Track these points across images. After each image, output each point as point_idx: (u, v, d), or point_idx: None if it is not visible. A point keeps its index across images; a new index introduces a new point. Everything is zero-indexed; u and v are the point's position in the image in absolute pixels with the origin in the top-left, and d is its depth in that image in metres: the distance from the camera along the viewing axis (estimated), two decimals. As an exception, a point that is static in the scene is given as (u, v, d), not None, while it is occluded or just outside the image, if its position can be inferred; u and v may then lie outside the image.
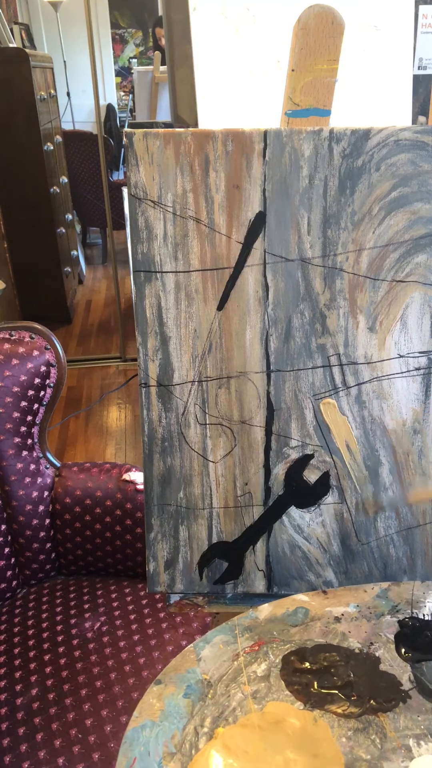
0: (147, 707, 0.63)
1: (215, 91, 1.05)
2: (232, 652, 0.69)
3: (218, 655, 0.69)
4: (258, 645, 0.70)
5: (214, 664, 0.67)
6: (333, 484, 0.80)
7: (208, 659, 0.68)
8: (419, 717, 0.62)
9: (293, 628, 0.72)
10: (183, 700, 0.64)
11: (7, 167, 3.22)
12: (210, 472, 0.80)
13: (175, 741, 0.60)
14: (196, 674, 0.66)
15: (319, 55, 0.74)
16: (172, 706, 0.63)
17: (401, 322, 0.76)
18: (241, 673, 0.67)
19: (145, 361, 0.77)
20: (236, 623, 0.72)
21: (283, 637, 0.71)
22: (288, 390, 0.78)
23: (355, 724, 0.61)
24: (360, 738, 0.60)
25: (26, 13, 5.74)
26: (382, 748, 0.59)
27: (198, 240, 0.73)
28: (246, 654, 0.69)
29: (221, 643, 0.70)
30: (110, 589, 1.18)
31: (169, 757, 0.59)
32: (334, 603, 0.74)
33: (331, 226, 0.73)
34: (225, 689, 0.65)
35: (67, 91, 5.66)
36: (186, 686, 0.65)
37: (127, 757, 0.58)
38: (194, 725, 0.62)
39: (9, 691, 0.98)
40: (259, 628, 0.72)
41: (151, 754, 0.59)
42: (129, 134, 0.70)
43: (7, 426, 1.16)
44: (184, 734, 0.61)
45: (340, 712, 0.63)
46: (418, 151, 0.70)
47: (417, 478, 0.80)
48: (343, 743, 0.60)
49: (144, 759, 0.58)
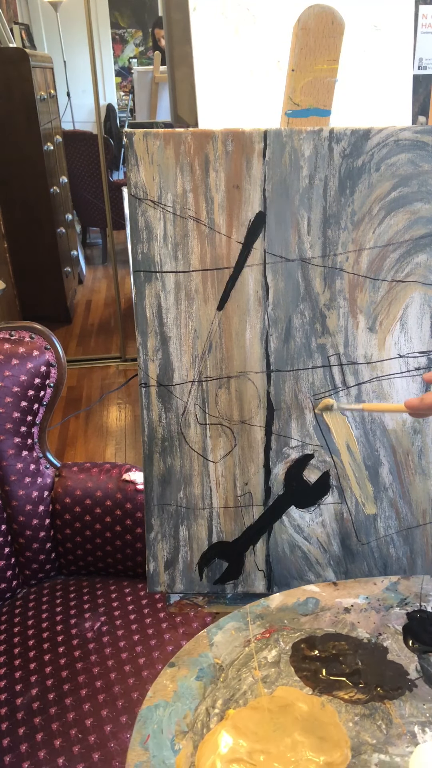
0: (161, 688, 0.65)
1: (215, 91, 1.05)
2: (244, 638, 0.71)
3: (230, 640, 0.70)
4: (269, 632, 0.71)
5: (226, 649, 0.69)
6: (333, 484, 0.80)
7: (220, 644, 0.70)
8: (425, 705, 0.63)
9: (303, 617, 0.73)
10: (195, 683, 0.66)
11: (7, 167, 3.23)
12: (210, 472, 0.80)
13: (187, 720, 0.62)
14: (208, 658, 0.68)
15: (319, 55, 0.74)
16: (185, 687, 0.66)
17: (401, 322, 0.76)
18: (252, 658, 0.68)
19: (145, 361, 0.77)
20: (248, 611, 0.74)
21: (294, 625, 0.72)
22: (288, 390, 0.78)
23: (361, 710, 0.63)
24: (366, 723, 0.62)
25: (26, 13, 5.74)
26: (387, 734, 0.61)
27: (198, 240, 0.73)
28: (257, 640, 0.70)
29: (233, 630, 0.72)
30: (110, 589, 1.18)
31: (182, 735, 0.61)
32: (344, 594, 0.76)
33: (331, 226, 0.73)
34: (236, 673, 0.67)
35: (67, 91, 5.66)
36: (198, 669, 0.67)
37: (141, 734, 0.61)
38: (206, 706, 0.64)
39: (9, 691, 0.98)
40: (271, 616, 0.73)
41: (164, 731, 0.61)
42: (129, 134, 0.70)
43: (7, 426, 1.16)
44: (196, 714, 0.63)
45: (347, 698, 0.64)
46: (418, 151, 0.70)
47: (417, 477, 0.80)
48: (350, 728, 0.61)
49: (157, 736, 0.61)
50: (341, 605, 0.74)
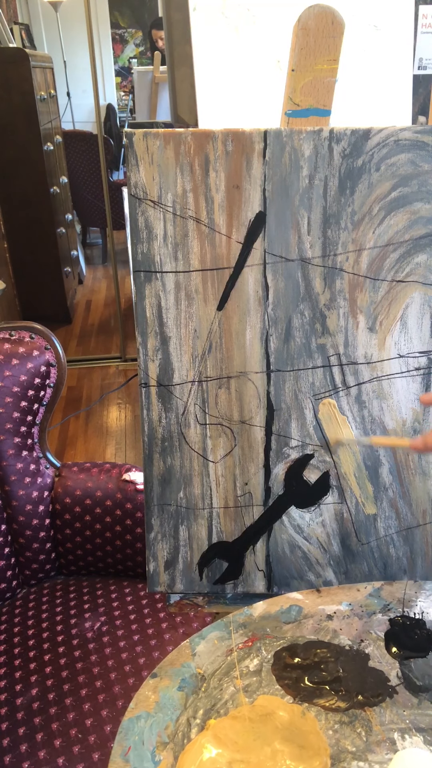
0: (143, 699, 0.65)
1: (215, 91, 1.05)
2: (226, 647, 0.70)
3: (212, 650, 0.70)
4: (251, 641, 0.71)
5: (209, 659, 0.69)
6: (333, 484, 0.80)
7: (202, 654, 0.70)
8: (405, 712, 0.63)
9: (286, 625, 0.73)
10: (177, 693, 0.66)
11: (7, 167, 3.22)
12: (210, 472, 0.80)
13: (168, 731, 0.62)
14: (190, 668, 0.68)
15: (319, 55, 0.74)
16: (166, 698, 0.65)
17: (401, 322, 0.76)
18: (234, 667, 0.68)
19: (145, 361, 0.77)
20: (231, 620, 0.73)
21: (276, 633, 0.72)
22: (288, 390, 0.78)
23: (342, 717, 0.63)
24: (346, 731, 0.62)
25: (26, 13, 5.74)
26: (367, 741, 0.61)
27: (198, 240, 0.73)
28: (239, 649, 0.70)
29: (216, 639, 0.71)
30: (110, 589, 1.18)
31: (162, 746, 0.61)
32: (328, 601, 0.76)
33: (331, 226, 0.73)
34: (218, 683, 0.67)
35: (67, 91, 5.66)
36: (180, 679, 0.67)
37: (122, 746, 0.60)
38: (187, 717, 0.64)
39: (9, 691, 0.98)
40: (253, 625, 0.73)
41: (145, 743, 0.61)
42: (129, 134, 0.70)
43: (7, 426, 1.16)
44: (177, 725, 0.63)
45: (327, 706, 0.64)
46: (418, 151, 0.70)
47: (417, 477, 0.80)
48: (330, 735, 0.61)
49: (138, 748, 0.60)
50: (324, 612, 0.74)
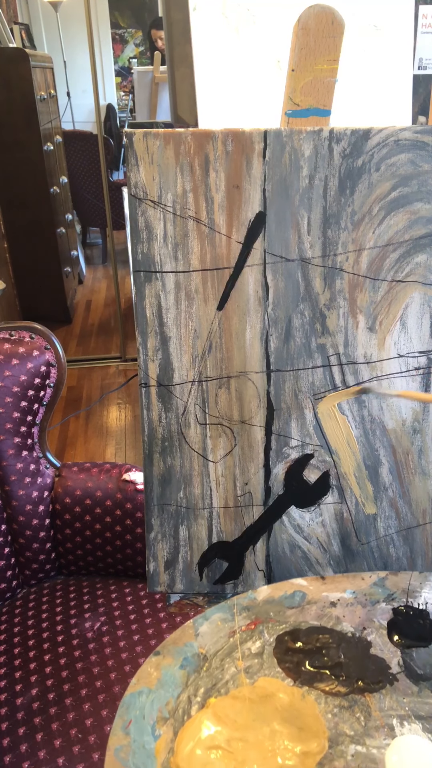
0: (145, 675, 0.66)
1: (215, 91, 1.05)
2: (229, 629, 0.71)
3: (215, 631, 0.71)
4: (254, 624, 0.72)
5: (211, 640, 0.70)
6: (333, 483, 0.80)
7: (205, 635, 0.70)
8: (404, 699, 0.64)
9: (289, 610, 0.73)
10: (179, 671, 0.67)
11: (7, 167, 3.22)
12: (210, 472, 0.80)
13: (169, 707, 0.63)
14: (193, 648, 0.69)
15: (319, 55, 0.74)
16: (168, 675, 0.66)
17: (401, 322, 0.76)
18: (236, 649, 0.69)
19: (145, 361, 0.77)
20: (235, 603, 0.74)
21: (279, 618, 0.73)
22: (288, 390, 0.78)
23: (341, 702, 0.64)
24: (345, 715, 0.62)
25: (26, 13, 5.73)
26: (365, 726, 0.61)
27: (198, 240, 0.73)
28: (242, 632, 0.71)
29: (219, 621, 0.72)
30: (110, 589, 1.18)
31: (163, 721, 0.62)
32: (332, 588, 0.76)
33: (331, 226, 0.73)
34: (219, 663, 0.68)
35: (67, 91, 5.66)
36: (183, 658, 0.68)
37: (123, 719, 0.61)
38: (188, 694, 0.65)
39: (9, 691, 0.98)
40: (257, 609, 0.74)
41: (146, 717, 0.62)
42: (129, 134, 0.70)
43: (7, 426, 1.16)
44: (177, 702, 0.64)
45: (327, 690, 0.65)
46: (418, 151, 0.70)
47: (417, 477, 0.80)
48: (329, 719, 0.62)
49: (139, 721, 0.61)
50: (328, 599, 0.75)
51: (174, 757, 0.59)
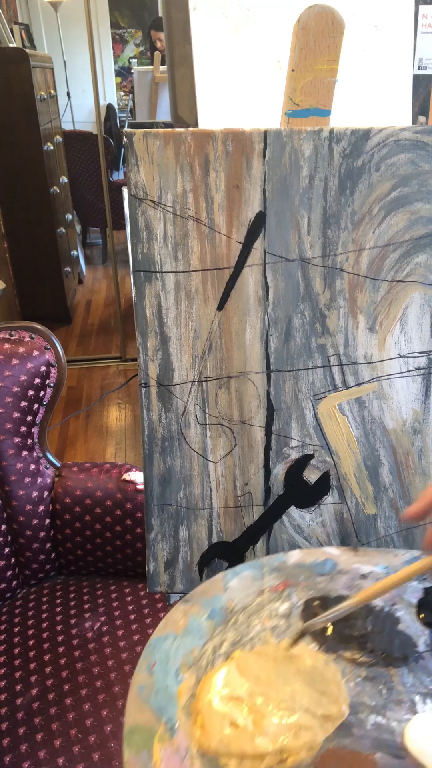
0: (172, 621, 0.67)
1: (215, 91, 1.05)
2: (258, 587, 0.72)
3: (245, 587, 0.71)
4: (283, 586, 0.72)
5: (240, 595, 0.71)
6: (333, 484, 0.80)
7: (234, 589, 0.71)
8: (429, 678, 0.63)
9: (319, 576, 0.74)
10: (206, 621, 0.67)
11: (7, 167, 3.22)
12: (210, 472, 0.80)
13: (193, 655, 0.64)
14: (221, 601, 0.70)
15: (319, 55, 0.74)
16: (195, 624, 0.67)
17: (401, 322, 0.76)
18: (264, 607, 0.70)
19: (145, 361, 0.77)
20: (265, 562, 0.74)
21: (309, 583, 0.73)
22: (288, 390, 0.78)
23: (365, 672, 0.64)
24: (367, 686, 0.62)
25: (26, 13, 5.73)
26: (387, 699, 0.61)
27: (198, 240, 0.73)
28: (271, 591, 0.71)
29: (249, 577, 0.73)
30: (110, 589, 1.18)
31: (186, 667, 0.63)
32: (363, 561, 0.75)
33: (331, 226, 0.73)
34: (246, 619, 0.68)
35: (67, 91, 5.66)
36: (210, 609, 0.69)
37: (148, 660, 0.63)
38: (213, 645, 0.65)
39: (9, 691, 0.98)
40: (287, 571, 0.74)
41: (170, 661, 0.63)
42: (129, 134, 0.70)
43: (7, 426, 1.16)
44: (202, 651, 0.65)
45: (352, 659, 0.65)
46: (418, 151, 0.70)
47: (417, 478, 0.80)
48: (351, 687, 0.62)
49: (163, 664, 0.63)
50: (359, 571, 0.74)
51: (195, 702, 0.60)
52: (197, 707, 0.60)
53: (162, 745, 0.56)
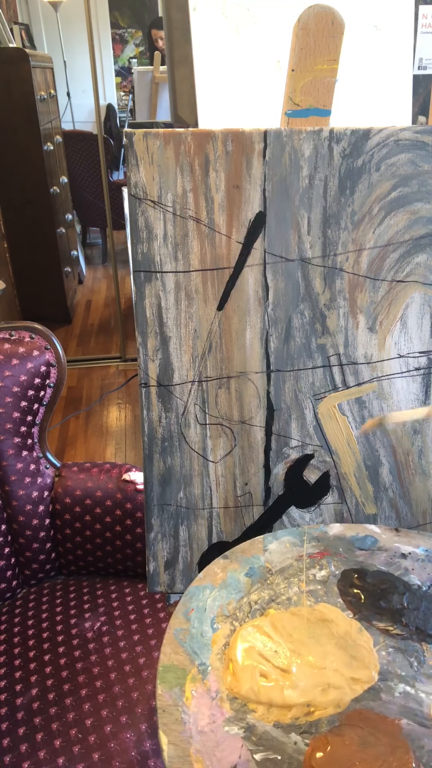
0: (211, 573, 0.69)
1: (215, 91, 1.05)
2: (297, 553, 0.73)
3: (284, 551, 0.73)
4: (322, 555, 0.74)
5: (278, 558, 0.72)
6: (333, 484, 0.80)
7: (273, 552, 0.73)
8: None
9: (359, 550, 0.75)
10: (244, 578, 0.69)
11: (7, 167, 3.22)
12: (210, 472, 0.80)
13: (230, 607, 0.66)
14: (259, 560, 0.72)
15: (319, 55, 0.74)
16: (233, 579, 0.69)
17: (401, 322, 0.76)
18: (302, 572, 0.71)
19: (145, 361, 0.77)
20: (305, 531, 0.76)
21: (348, 555, 0.74)
22: (288, 390, 0.78)
23: (397, 643, 0.65)
24: (399, 657, 0.64)
25: (26, 13, 5.73)
26: (418, 671, 0.62)
27: (198, 240, 0.73)
28: (310, 558, 0.73)
29: (288, 543, 0.74)
30: (110, 589, 1.18)
31: (222, 618, 0.65)
32: (404, 542, 0.76)
33: (331, 226, 0.73)
34: (284, 581, 0.70)
35: (67, 91, 5.66)
36: (249, 567, 0.71)
37: (186, 605, 0.65)
38: (249, 600, 0.68)
39: (9, 691, 0.98)
40: (327, 541, 0.75)
41: (207, 610, 0.65)
42: (129, 134, 0.70)
43: (7, 426, 1.16)
44: (238, 604, 0.67)
45: (385, 630, 0.66)
46: (418, 151, 0.70)
47: (417, 478, 0.80)
48: (382, 656, 0.64)
49: (200, 612, 0.65)
50: (399, 550, 0.75)
51: (228, 650, 0.62)
52: (230, 655, 0.62)
53: (194, 685, 0.58)
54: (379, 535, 0.76)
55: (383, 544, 0.75)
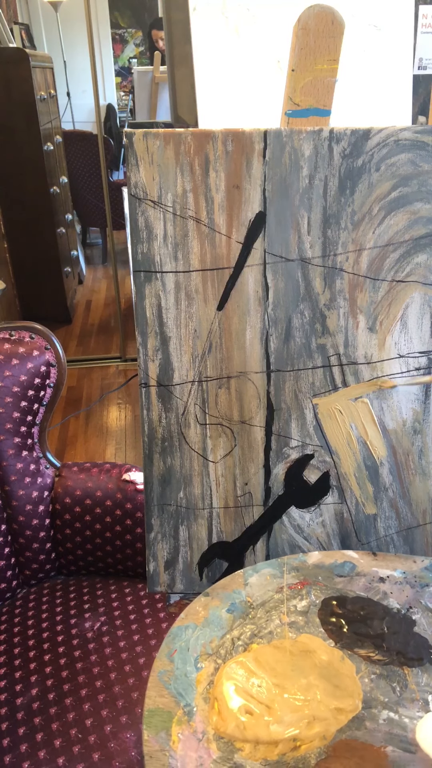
0: (193, 612, 0.69)
1: (215, 91, 1.05)
2: (277, 584, 0.74)
3: (264, 584, 0.73)
4: (302, 584, 0.74)
5: (259, 591, 0.73)
6: (333, 484, 0.80)
7: (254, 585, 0.73)
8: None
9: (338, 577, 0.75)
10: (226, 614, 0.70)
11: (7, 167, 3.22)
12: (210, 472, 0.80)
13: (212, 645, 0.67)
14: (240, 595, 0.72)
15: (319, 55, 0.74)
16: (215, 616, 0.69)
17: (401, 322, 0.76)
18: (283, 604, 0.72)
19: (145, 361, 0.77)
20: (285, 561, 0.76)
21: (327, 583, 0.74)
22: (288, 390, 0.78)
23: (379, 670, 0.65)
24: (382, 683, 0.64)
25: (26, 13, 5.73)
26: (401, 696, 0.62)
27: (198, 240, 0.73)
28: (290, 589, 0.73)
29: (268, 575, 0.74)
30: (110, 589, 1.18)
31: (205, 656, 0.65)
32: (382, 565, 0.77)
33: (331, 226, 0.73)
34: (265, 614, 0.70)
35: (67, 91, 5.66)
36: (230, 603, 0.71)
37: (169, 647, 0.65)
38: (232, 637, 0.68)
39: (9, 691, 0.98)
40: (306, 571, 0.76)
41: (190, 650, 0.65)
42: (129, 134, 0.70)
43: (7, 426, 1.16)
44: (221, 641, 0.67)
45: (366, 656, 0.67)
46: (418, 151, 0.70)
47: (417, 477, 0.80)
48: (365, 683, 0.64)
49: (183, 652, 0.65)
50: (377, 574, 0.76)
51: (213, 689, 0.62)
52: (215, 694, 0.62)
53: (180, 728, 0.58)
54: (357, 560, 0.77)
55: (361, 570, 0.76)
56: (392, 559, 0.77)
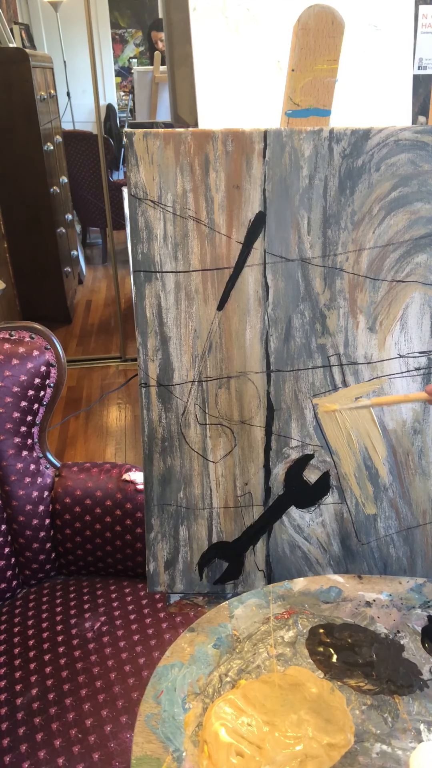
0: (178, 650, 0.68)
1: (215, 91, 1.05)
2: (263, 615, 0.73)
3: (250, 615, 0.72)
4: (288, 614, 0.73)
5: (245, 623, 0.72)
6: (333, 484, 0.80)
7: (240, 618, 0.72)
8: None
9: (324, 604, 0.75)
10: (212, 650, 0.68)
11: (7, 167, 3.22)
12: (210, 472, 0.80)
13: (200, 683, 0.65)
14: (227, 629, 0.71)
15: (319, 55, 0.74)
16: (201, 652, 0.68)
17: (401, 322, 0.76)
18: (269, 635, 0.70)
19: (145, 361, 0.77)
20: (270, 590, 0.75)
21: (314, 611, 0.74)
22: (288, 390, 0.78)
23: (370, 700, 0.64)
24: (373, 714, 0.63)
25: (26, 13, 5.73)
26: (393, 727, 0.62)
27: (198, 240, 0.73)
28: (276, 620, 0.72)
29: (254, 606, 0.74)
30: (110, 589, 1.18)
31: (193, 696, 0.64)
32: (368, 589, 0.77)
33: (331, 226, 0.73)
34: (252, 647, 0.69)
35: (67, 91, 5.66)
36: (216, 638, 0.70)
37: (155, 688, 0.64)
38: (219, 673, 0.66)
39: (9, 691, 0.98)
40: (292, 599, 0.75)
41: (177, 690, 0.64)
42: (129, 134, 0.70)
43: (7, 426, 1.16)
44: (209, 679, 0.66)
45: (357, 687, 0.66)
46: (418, 151, 0.70)
47: (417, 478, 0.80)
48: (356, 715, 0.63)
49: (170, 693, 0.64)
50: (363, 598, 0.75)
51: (202, 732, 0.61)
52: (204, 736, 0.60)
53: None
54: (343, 585, 0.76)
55: (347, 594, 0.75)
56: (377, 582, 0.77)
